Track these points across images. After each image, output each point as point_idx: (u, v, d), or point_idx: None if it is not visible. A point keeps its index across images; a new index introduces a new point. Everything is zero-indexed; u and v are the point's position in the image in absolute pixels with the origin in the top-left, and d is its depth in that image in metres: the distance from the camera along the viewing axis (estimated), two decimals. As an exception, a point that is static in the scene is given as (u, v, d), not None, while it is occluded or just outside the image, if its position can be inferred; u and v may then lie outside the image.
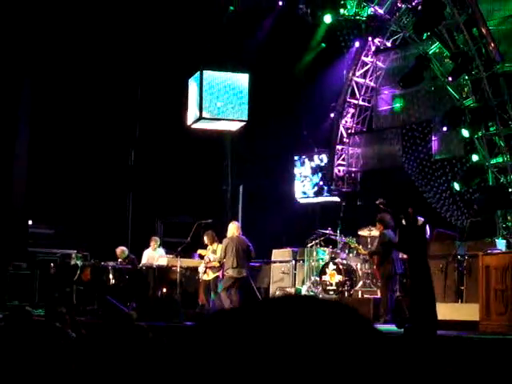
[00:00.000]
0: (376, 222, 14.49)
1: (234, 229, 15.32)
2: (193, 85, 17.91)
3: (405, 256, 14.98)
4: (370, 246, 15.51)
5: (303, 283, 16.89)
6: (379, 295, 15.26)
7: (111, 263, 17.12)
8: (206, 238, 16.10)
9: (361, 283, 15.78)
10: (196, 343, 1.07)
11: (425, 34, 17.01)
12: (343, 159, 21.65)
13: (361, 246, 15.74)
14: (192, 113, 17.92)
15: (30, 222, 20.38)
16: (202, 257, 16.54)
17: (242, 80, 17.66)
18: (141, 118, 21.85)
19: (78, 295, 16.64)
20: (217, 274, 15.80)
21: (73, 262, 17.29)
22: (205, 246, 16.25)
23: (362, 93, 21.38)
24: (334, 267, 15.61)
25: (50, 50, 20.54)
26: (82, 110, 21.27)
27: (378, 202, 16.12)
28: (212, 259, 15.96)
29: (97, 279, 16.71)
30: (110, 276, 16.70)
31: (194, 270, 16.63)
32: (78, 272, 16.83)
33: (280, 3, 18.79)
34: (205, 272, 15.96)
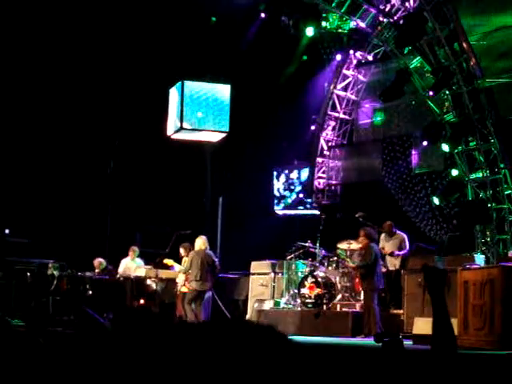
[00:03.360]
0: (360, 236, 14.37)
1: (201, 243, 15.40)
2: (174, 95, 17.83)
3: (384, 270, 14.99)
4: (348, 259, 15.50)
5: (282, 296, 16.82)
6: (358, 309, 15.22)
7: (88, 273, 16.99)
8: (182, 250, 16.05)
9: (339, 296, 15.73)
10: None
11: (406, 48, 17.07)
12: (323, 172, 21.65)
13: (349, 259, 15.61)
14: (172, 123, 17.83)
15: (7, 231, 20.18)
16: (167, 266, 16.50)
17: (223, 91, 17.61)
18: (120, 127, 21.73)
19: (54, 305, 16.47)
20: None
21: (50, 272, 17.11)
22: (181, 258, 16.18)
23: (343, 106, 21.41)
24: (313, 280, 15.54)
25: (28, 55, 20.40)
26: (62, 118, 21.12)
27: (357, 216, 16.10)
28: (178, 270, 15.96)
29: (74, 289, 16.56)
30: (87, 286, 16.56)
31: (172, 281, 16.52)
32: (55, 282, 16.67)
33: (262, 15, 18.76)
34: (184, 284, 15.87)
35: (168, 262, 16.33)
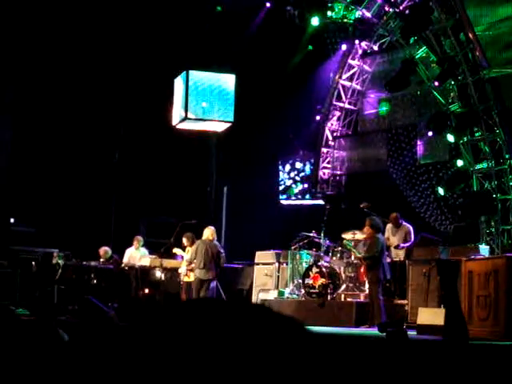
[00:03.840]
0: (366, 226, 14.27)
1: (208, 233, 15.47)
2: (178, 85, 17.82)
3: (388, 260, 14.98)
4: (354, 250, 15.49)
5: (286, 286, 16.83)
6: (362, 299, 15.23)
7: (93, 263, 17.02)
8: (185, 240, 16.07)
9: (344, 287, 15.74)
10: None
11: (412, 39, 17.02)
12: (328, 162, 21.63)
13: (355, 250, 15.53)
14: (177, 113, 17.82)
15: (12, 220, 20.22)
16: (173, 256, 16.56)
17: (228, 81, 17.58)
18: (125, 117, 21.73)
19: (59, 294, 16.51)
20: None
21: (54, 261, 17.15)
22: (184, 248, 16.22)
23: (348, 96, 21.38)
24: (318, 270, 15.54)
25: (35, 49, 20.40)
26: (67, 108, 21.14)
27: (362, 206, 16.09)
28: (186, 259, 16.01)
29: (78, 279, 16.60)
30: (92, 276, 16.60)
31: (177, 270, 16.57)
32: (60, 271, 16.71)
33: (268, 4, 18.74)
34: (186, 274, 15.91)
35: (177, 251, 16.38)
